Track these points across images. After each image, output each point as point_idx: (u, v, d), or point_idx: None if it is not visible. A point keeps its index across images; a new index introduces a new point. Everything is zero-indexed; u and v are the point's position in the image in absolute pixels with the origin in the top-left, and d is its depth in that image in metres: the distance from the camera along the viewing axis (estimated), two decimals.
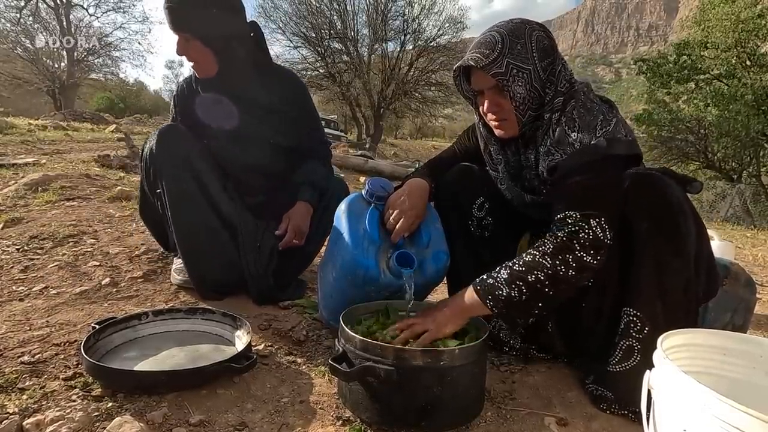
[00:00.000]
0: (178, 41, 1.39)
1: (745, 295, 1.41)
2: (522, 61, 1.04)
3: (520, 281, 0.97)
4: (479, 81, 1.10)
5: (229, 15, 1.42)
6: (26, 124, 9.02)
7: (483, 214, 1.33)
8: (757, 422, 0.57)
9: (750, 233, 6.38)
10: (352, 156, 8.48)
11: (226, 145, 1.56)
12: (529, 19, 1.09)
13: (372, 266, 1.12)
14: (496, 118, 1.11)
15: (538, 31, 1.07)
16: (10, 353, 1.08)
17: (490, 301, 0.98)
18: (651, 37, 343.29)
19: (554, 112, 1.06)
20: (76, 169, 3.58)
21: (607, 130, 1.02)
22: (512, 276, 0.98)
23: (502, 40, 1.04)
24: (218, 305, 1.42)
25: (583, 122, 1.03)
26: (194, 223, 1.47)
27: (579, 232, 0.96)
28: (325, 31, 20.60)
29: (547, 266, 0.96)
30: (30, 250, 1.77)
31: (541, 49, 1.06)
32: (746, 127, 12.73)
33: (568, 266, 0.96)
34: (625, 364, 1.03)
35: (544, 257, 0.97)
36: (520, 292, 0.96)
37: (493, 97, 1.09)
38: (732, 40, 13.25)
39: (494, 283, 0.99)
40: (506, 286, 0.97)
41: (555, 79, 1.07)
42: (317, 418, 0.97)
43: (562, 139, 1.04)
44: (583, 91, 1.09)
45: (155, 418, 0.90)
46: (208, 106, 1.54)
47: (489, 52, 1.04)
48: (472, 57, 1.05)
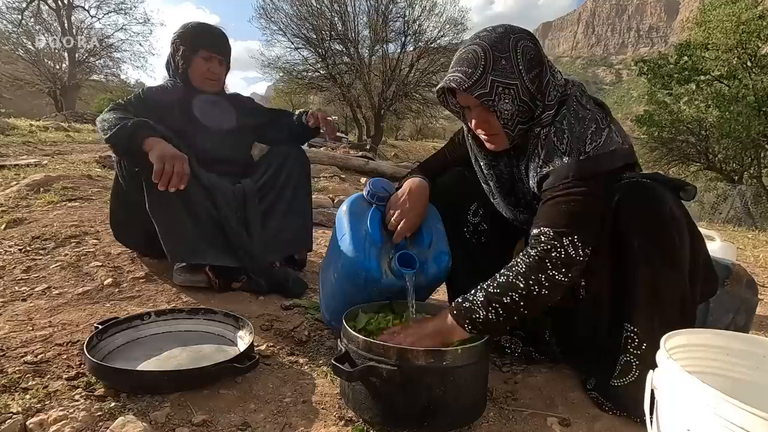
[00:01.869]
0: (213, 60, 1.70)
1: (747, 296, 1.41)
2: (507, 77, 0.99)
3: (496, 303, 0.96)
4: (464, 99, 1.07)
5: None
6: (27, 126, 9.02)
7: (478, 220, 1.32)
8: (761, 422, 0.57)
9: (751, 234, 6.38)
10: (353, 157, 8.48)
11: (216, 138, 1.75)
12: (513, 26, 1.04)
13: (374, 268, 1.13)
14: (485, 134, 1.09)
15: (524, 41, 1.01)
16: (13, 353, 1.08)
17: (468, 324, 0.98)
18: (652, 39, 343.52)
19: (543, 126, 1.03)
20: (77, 169, 3.58)
21: (598, 143, 0.98)
22: (488, 299, 0.97)
23: (485, 55, 0.99)
24: (220, 306, 1.42)
25: (573, 135, 1.00)
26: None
27: (551, 251, 0.95)
28: (325, 33, 20.62)
29: (521, 287, 0.95)
30: (32, 251, 1.77)
31: (528, 60, 1.00)
32: (747, 128, 12.72)
33: (541, 286, 0.95)
34: (624, 379, 1.03)
35: (518, 278, 0.96)
36: (497, 314, 0.96)
37: (480, 114, 1.05)
38: (733, 42, 13.24)
39: (471, 306, 0.98)
40: (483, 309, 0.97)
41: (543, 90, 1.02)
42: (320, 418, 0.97)
43: (551, 152, 1.02)
44: (575, 97, 1.05)
45: (158, 418, 0.90)
46: (208, 108, 1.75)
47: (471, 71, 0.99)
48: (454, 78, 1.01)
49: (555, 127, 1.02)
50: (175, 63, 1.71)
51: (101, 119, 1.50)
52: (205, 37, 1.69)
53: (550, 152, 1.02)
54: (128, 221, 1.66)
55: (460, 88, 1.00)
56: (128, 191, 1.55)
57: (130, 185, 1.52)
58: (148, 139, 1.40)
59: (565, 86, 1.07)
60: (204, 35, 1.69)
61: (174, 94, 1.72)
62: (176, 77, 1.73)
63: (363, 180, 6.49)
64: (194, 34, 1.68)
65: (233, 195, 1.61)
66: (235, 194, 1.62)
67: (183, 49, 1.68)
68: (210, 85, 1.74)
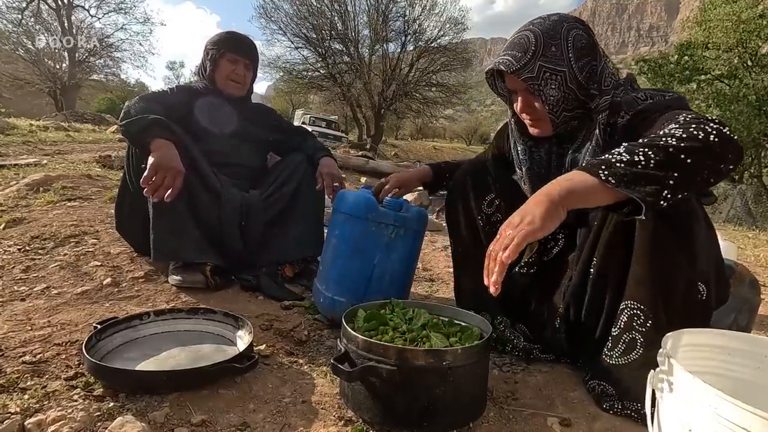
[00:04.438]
0: (238, 63, 1.78)
1: (749, 295, 1.41)
2: (556, 63, 1.01)
3: (645, 147, 0.78)
4: (511, 83, 1.10)
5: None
6: (27, 125, 9.02)
7: (492, 211, 1.32)
8: (762, 422, 0.56)
9: (752, 234, 6.37)
10: (353, 156, 8.49)
11: (229, 142, 1.81)
12: (567, 15, 1.07)
13: (371, 197, 1.34)
14: (530, 118, 1.11)
15: (577, 30, 1.04)
16: (11, 353, 1.07)
17: (605, 171, 0.77)
18: (652, 38, 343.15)
19: (601, 112, 1.03)
20: (77, 169, 3.58)
21: (674, 94, 0.98)
22: (633, 146, 0.79)
23: (536, 41, 1.01)
24: (219, 305, 1.42)
25: (647, 93, 1.00)
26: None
27: (709, 120, 0.82)
28: (326, 32, 20.64)
29: (679, 131, 0.79)
30: (31, 250, 1.77)
31: (578, 49, 1.03)
32: (748, 127, 12.70)
33: (707, 133, 0.78)
34: (627, 357, 1.02)
35: (672, 128, 0.81)
36: (647, 157, 0.77)
37: (526, 98, 1.08)
38: (733, 41, 13.23)
39: (608, 157, 0.79)
40: (626, 153, 0.78)
41: (597, 79, 1.03)
42: (319, 418, 0.97)
43: (631, 104, 0.99)
44: (630, 82, 1.06)
45: (157, 418, 0.90)
46: (227, 111, 1.82)
47: (521, 55, 1.01)
48: (504, 61, 1.03)
49: (621, 97, 1.02)
50: (204, 66, 1.81)
51: (128, 104, 1.57)
52: (232, 42, 1.79)
53: (631, 103, 0.99)
54: (131, 215, 1.69)
55: (509, 71, 1.02)
56: (135, 189, 1.58)
57: (137, 181, 1.56)
58: (157, 139, 1.42)
59: (618, 78, 1.07)
60: (232, 41, 1.80)
61: (199, 94, 1.79)
62: (204, 79, 1.82)
63: (363, 179, 6.50)
64: (223, 40, 1.79)
65: (240, 206, 1.67)
66: (241, 205, 1.67)
67: (212, 53, 1.77)
68: (234, 87, 1.80)
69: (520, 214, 0.80)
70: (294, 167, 1.82)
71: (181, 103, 1.73)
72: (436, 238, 3.13)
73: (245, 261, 1.69)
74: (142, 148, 1.46)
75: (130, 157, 1.63)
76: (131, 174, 1.63)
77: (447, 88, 21.93)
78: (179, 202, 1.47)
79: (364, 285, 1.33)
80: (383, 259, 1.33)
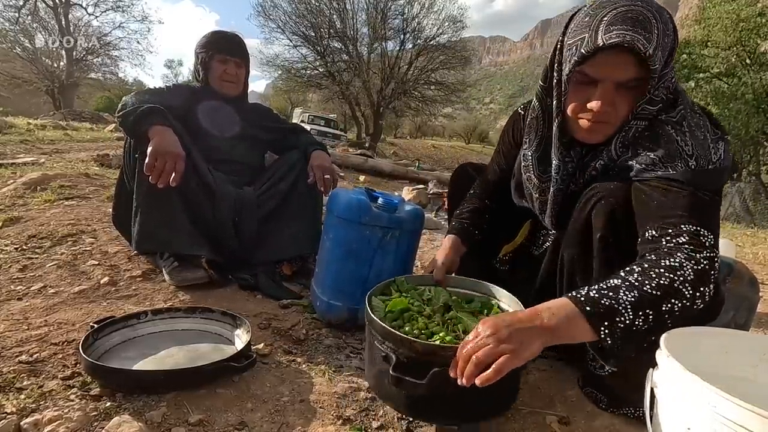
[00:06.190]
0: (229, 63, 1.79)
1: (748, 293, 1.41)
2: (670, 57, 0.83)
3: (651, 309, 0.74)
4: (613, 69, 0.83)
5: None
6: (25, 124, 8.98)
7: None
8: (761, 420, 0.56)
9: (750, 231, 6.38)
10: (352, 155, 8.48)
11: (226, 141, 1.82)
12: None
13: (364, 199, 1.30)
14: (595, 120, 0.88)
15: (670, 19, 0.83)
16: (8, 352, 1.07)
17: (606, 330, 0.73)
18: None
19: (666, 124, 0.87)
20: (75, 168, 3.56)
21: (721, 157, 0.84)
22: (642, 300, 0.74)
23: (656, 24, 0.79)
24: (217, 304, 1.41)
25: (696, 140, 0.85)
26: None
27: (715, 260, 0.79)
28: (324, 30, 20.58)
29: (687, 296, 0.75)
30: (28, 249, 1.76)
31: (672, 41, 0.83)
32: (746, 125, 12.73)
33: (703, 298, 0.77)
34: (608, 368, 1.00)
35: (685, 284, 0.75)
36: (646, 322, 0.74)
37: (614, 94, 0.85)
38: (732, 39, 13.24)
39: (614, 305, 0.74)
40: (632, 311, 0.73)
41: (668, 83, 0.86)
42: (317, 417, 0.97)
43: (674, 155, 0.85)
44: (687, 97, 0.90)
45: (154, 417, 0.89)
46: (223, 115, 1.84)
47: (648, 35, 0.77)
48: (633, 37, 0.77)
49: (676, 128, 0.86)
50: (197, 69, 1.83)
51: (125, 98, 1.60)
52: (220, 43, 1.80)
53: (672, 154, 0.84)
54: (129, 210, 1.66)
55: (645, 52, 0.78)
56: (132, 184, 1.59)
57: (131, 175, 1.57)
58: (155, 126, 1.43)
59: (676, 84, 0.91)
60: (220, 41, 1.81)
61: (198, 94, 1.82)
62: (199, 82, 1.84)
63: (361, 178, 6.48)
64: (211, 41, 1.81)
65: (234, 202, 1.67)
66: (235, 201, 1.67)
67: (201, 56, 1.79)
68: (228, 87, 1.82)
69: (509, 330, 0.72)
70: (290, 164, 1.82)
71: (180, 99, 1.73)
72: (434, 237, 3.13)
73: (241, 258, 1.69)
74: (140, 137, 1.46)
75: (127, 152, 1.63)
76: (128, 169, 1.63)
77: (446, 87, 21.90)
78: (174, 194, 1.47)
79: (360, 288, 1.30)
80: (379, 261, 1.31)
